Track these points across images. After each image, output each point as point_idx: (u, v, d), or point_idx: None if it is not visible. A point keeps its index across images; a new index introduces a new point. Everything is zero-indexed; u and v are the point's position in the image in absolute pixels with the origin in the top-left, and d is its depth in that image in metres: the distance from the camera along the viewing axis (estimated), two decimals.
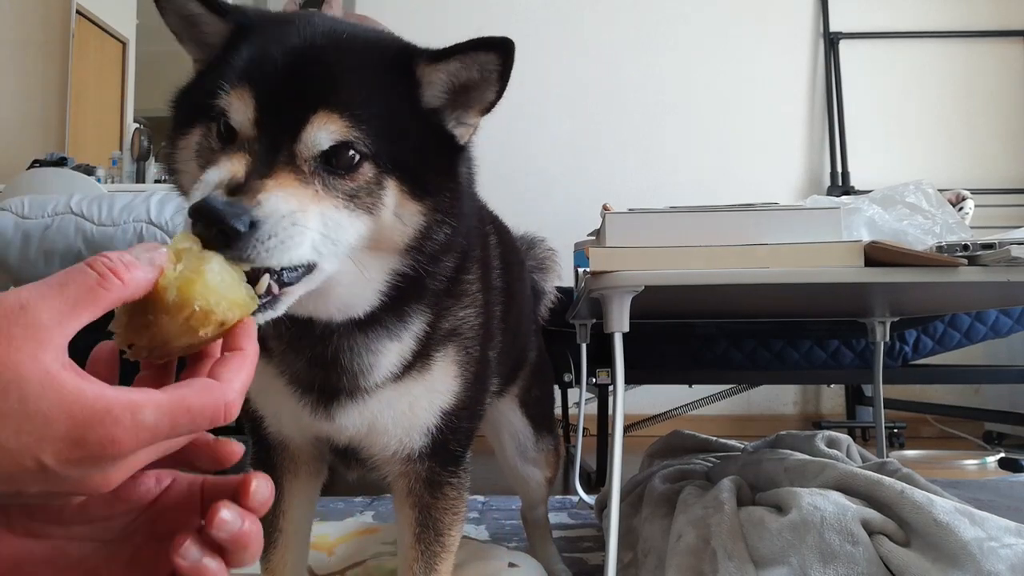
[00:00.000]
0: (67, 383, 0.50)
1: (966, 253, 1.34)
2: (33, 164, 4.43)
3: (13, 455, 0.49)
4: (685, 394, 4.23)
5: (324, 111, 0.80)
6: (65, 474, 0.51)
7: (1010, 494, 2.66)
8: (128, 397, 0.52)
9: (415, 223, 0.87)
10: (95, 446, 0.50)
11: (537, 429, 1.61)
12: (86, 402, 0.50)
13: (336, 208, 0.80)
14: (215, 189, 0.73)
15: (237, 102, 0.80)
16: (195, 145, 0.86)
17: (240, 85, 0.81)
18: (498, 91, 0.92)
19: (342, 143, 0.80)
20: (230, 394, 0.57)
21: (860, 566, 1.25)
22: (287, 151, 0.78)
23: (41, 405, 0.49)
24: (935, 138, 4.78)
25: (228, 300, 0.61)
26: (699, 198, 2.46)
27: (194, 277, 0.60)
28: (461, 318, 1.07)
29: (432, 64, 0.90)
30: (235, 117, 0.80)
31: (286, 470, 1.16)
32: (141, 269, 0.57)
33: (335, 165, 0.80)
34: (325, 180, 0.79)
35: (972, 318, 2.99)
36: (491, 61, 0.89)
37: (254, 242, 0.70)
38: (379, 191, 0.83)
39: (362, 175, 0.82)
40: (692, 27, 4.91)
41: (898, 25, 4.86)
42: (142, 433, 0.52)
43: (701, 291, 1.53)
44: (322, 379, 1.00)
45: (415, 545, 1.10)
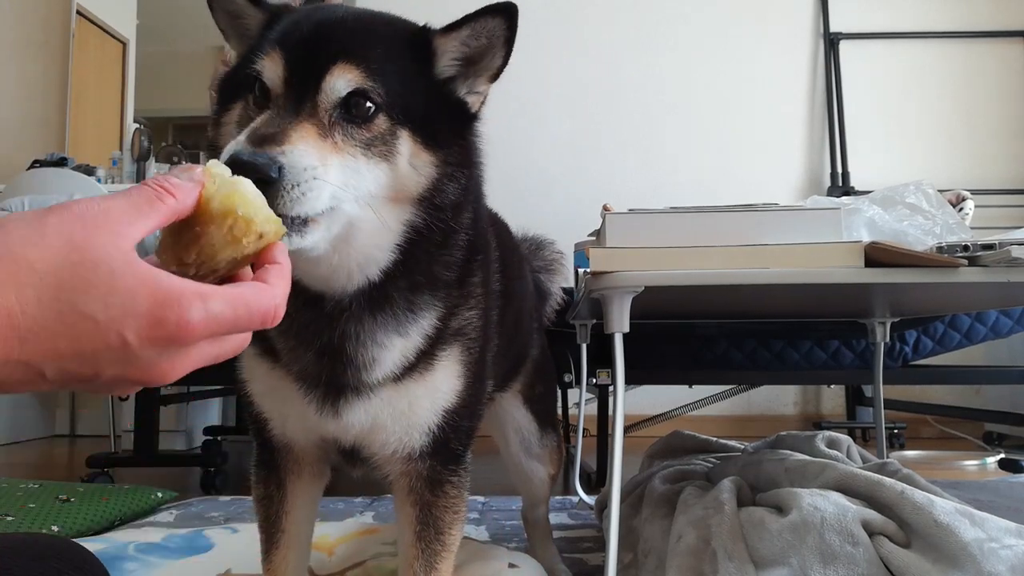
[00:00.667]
0: (146, 266, 0.53)
1: (966, 254, 1.33)
2: (33, 164, 4.43)
3: (100, 328, 0.51)
4: (685, 395, 4.23)
5: (343, 62, 0.88)
6: (142, 353, 0.53)
7: (1010, 495, 2.66)
8: (197, 286, 0.55)
9: (428, 173, 0.94)
10: (172, 326, 0.53)
11: (541, 425, 1.63)
12: (164, 284, 0.53)
13: (354, 157, 0.87)
14: (242, 143, 0.79)
15: (269, 63, 0.89)
16: (236, 118, 0.95)
17: (272, 49, 0.90)
18: (504, 55, 0.99)
19: (358, 90, 0.88)
20: (278, 297, 0.61)
21: (860, 567, 1.25)
22: (311, 102, 0.86)
23: (128, 282, 0.52)
24: (935, 138, 4.78)
25: (264, 213, 0.65)
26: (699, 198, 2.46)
27: (232, 190, 0.64)
28: (467, 319, 1.09)
29: (446, 34, 0.98)
30: (267, 75, 0.89)
31: (290, 471, 1.17)
32: (186, 187, 0.60)
33: (353, 115, 0.88)
34: (344, 130, 0.87)
35: (972, 319, 2.99)
36: (498, 26, 0.97)
37: (281, 190, 0.78)
38: (393, 140, 0.90)
39: (377, 125, 0.89)
40: (692, 27, 4.91)
41: (898, 25, 4.86)
42: (210, 321, 0.55)
43: (701, 291, 1.53)
44: (329, 371, 1.02)
45: (416, 543, 1.10)
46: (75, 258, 0.50)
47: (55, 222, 0.51)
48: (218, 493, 2.88)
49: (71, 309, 0.50)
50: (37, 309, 0.49)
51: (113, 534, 2.01)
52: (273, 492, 1.18)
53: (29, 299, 0.49)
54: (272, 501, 1.18)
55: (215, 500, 2.64)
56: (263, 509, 1.19)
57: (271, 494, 1.18)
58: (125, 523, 2.29)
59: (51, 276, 0.50)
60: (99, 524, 2.20)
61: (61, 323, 0.50)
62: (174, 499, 2.60)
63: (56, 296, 0.50)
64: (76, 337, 0.51)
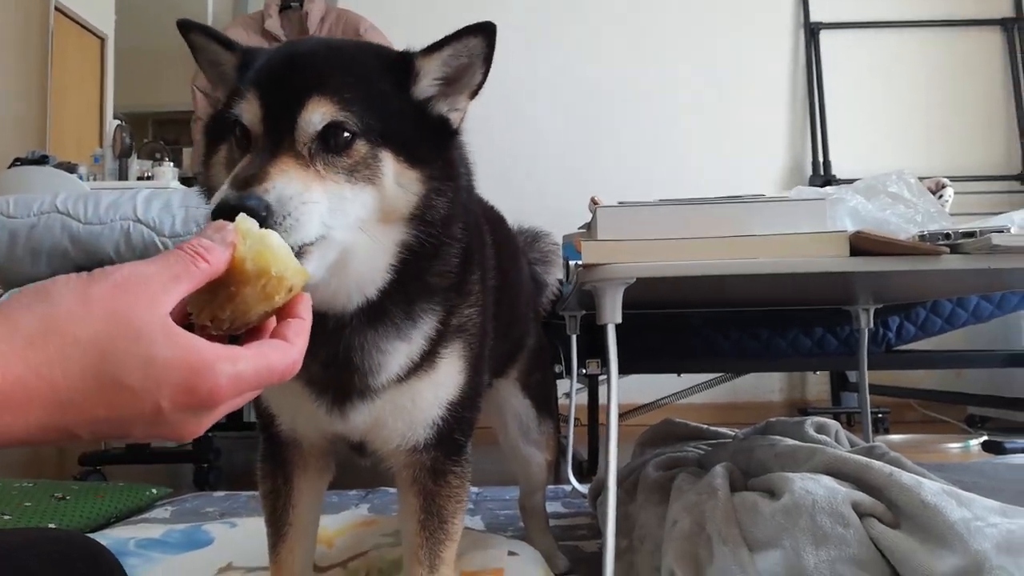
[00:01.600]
0: (182, 335, 0.56)
1: (948, 241, 1.37)
2: (14, 163, 4.40)
3: (137, 397, 0.54)
4: (673, 383, 4.26)
5: (316, 96, 0.89)
6: (173, 417, 0.55)
7: (994, 475, 2.72)
8: (227, 351, 0.58)
9: (416, 190, 0.95)
10: (204, 393, 0.55)
11: (539, 411, 1.66)
12: (198, 353, 0.56)
13: (338, 184, 0.88)
14: (226, 189, 0.81)
15: (245, 105, 0.90)
16: (222, 160, 0.96)
17: (247, 91, 0.91)
18: (484, 72, 1.01)
19: (333, 123, 0.89)
20: (296, 355, 0.63)
21: (851, 548, 1.28)
22: (288, 139, 0.87)
23: (165, 352, 0.54)
24: (915, 126, 4.84)
25: (292, 268, 0.67)
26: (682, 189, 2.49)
27: (264, 249, 0.66)
28: (467, 316, 1.11)
29: (427, 55, 0.99)
30: (245, 118, 0.90)
31: (296, 465, 1.19)
32: (218, 249, 0.63)
33: (331, 146, 0.88)
34: (325, 160, 0.88)
35: (954, 304, 3.04)
36: (478, 44, 0.99)
37: (273, 225, 0.78)
38: (376, 163, 0.91)
39: (356, 151, 0.90)
40: (673, 18, 4.94)
41: (878, 15, 4.91)
42: (238, 383, 0.57)
43: (691, 282, 1.55)
44: (335, 379, 1.04)
45: (420, 532, 1.12)
46: (117, 331, 0.53)
47: (99, 293, 0.54)
48: (212, 489, 2.89)
49: (111, 380, 0.53)
50: (81, 381, 0.52)
51: (111, 531, 2.02)
52: (280, 486, 1.20)
53: (74, 372, 0.52)
54: (279, 495, 1.20)
55: (209, 496, 2.65)
56: (270, 503, 1.21)
57: (278, 488, 1.20)
58: (121, 520, 2.29)
59: (94, 349, 0.53)
60: (96, 521, 2.21)
61: (101, 393, 0.53)
62: (168, 495, 2.60)
63: (99, 368, 0.53)
64: (114, 405, 0.53)
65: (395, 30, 4.48)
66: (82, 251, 2.59)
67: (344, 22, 4.44)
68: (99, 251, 2.58)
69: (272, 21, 4.49)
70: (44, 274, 2.62)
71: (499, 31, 0.99)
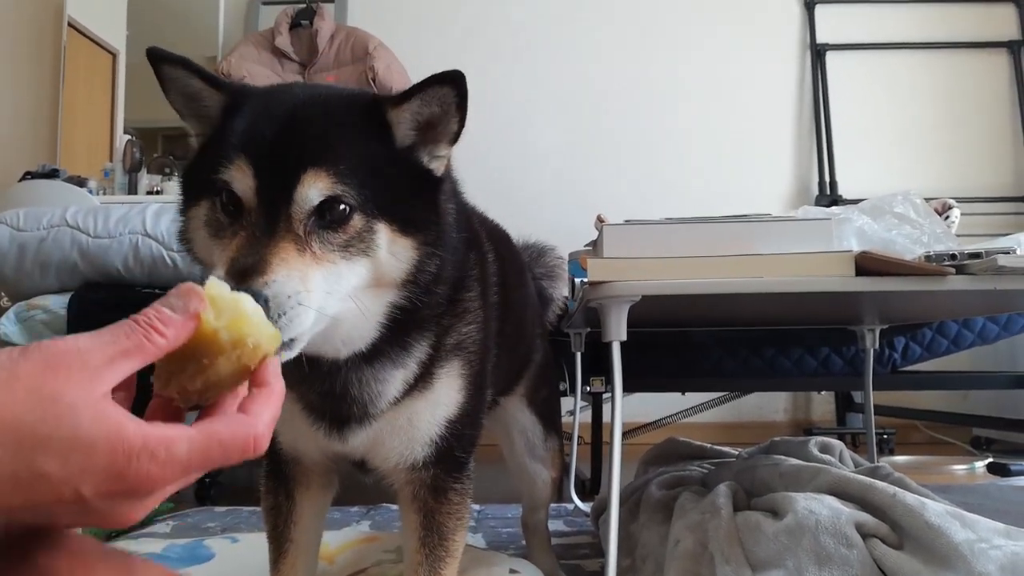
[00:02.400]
0: (113, 417, 0.52)
1: (954, 262, 1.37)
2: (25, 176, 4.43)
3: (55, 485, 0.50)
4: (677, 402, 4.25)
5: (312, 170, 0.87)
6: (98, 506, 0.52)
7: (999, 497, 2.70)
8: (163, 432, 0.54)
9: (408, 258, 0.94)
10: (133, 480, 0.52)
11: (545, 427, 1.66)
12: (127, 437, 0.52)
13: (334, 263, 0.87)
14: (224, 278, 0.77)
15: (237, 173, 0.88)
16: (204, 216, 0.93)
17: (238, 158, 0.88)
18: (459, 120, 0.98)
19: (331, 198, 0.87)
20: (259, 427, 0.59)
21: (854, 568, 1.27)
22: (284, 216, 0.85)
23: (89, 435, 0.51)
24: (921, 148, 4.84)
25: (267, 335, 0.65)
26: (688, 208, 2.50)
27: (238, 316, 0.63)
28: (464, 334, 1.11)
29: (397, 106, 0.96)
30: (237, 187, 0.87)
31: (298, 482, 1.20)
32: (179, 321, 0.59)
33: (328, 220, 0.87)
34: (321, 237, 0.86)
35: (960, 325, 3.03)
36: (447, 94, 0.95)
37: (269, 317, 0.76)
38: (371, 236, 0.90)
39: (353, 226, 0.89)
40: (680, 39, 4.96)
41: (884, 36, 4.93)
42: (176, 467, 0.54)
43: (696, 300, 1.56)
44: (333, 408, 1.06)
45: (420, 549, 1.12)
46: (39, 413, 0.50)
47: (27, 371, 0.51)
48: (213, 504, 2.88)
49: (27, 467, 0.49)
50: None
51: (113, 544, 2.01)
52: (282, 502, 1.20)
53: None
54: (281, 511, 1.20)
55: (211, 511, 2.65)
56: (272, 519, 1.21)
57: (280, 504, 1.21)
58: (122, 534, 2.29)
59: (12, 433, 0.49)
60: (97, 536, 2.21)
61: (15, 482, 0.50)
62: (170, 510, 2.60)
63: (15, 453, 0.49)
64: (30, 493, 0.50)
65: (403, 49, 4.53)
66: (91, 265, 2.61)
67: (354, 40, 4.48)
68: (108, 265, 2.60)
69: (282, 39, 4.53)
70: (53, 287, 2.64)
71: (503, 46, 0.98)
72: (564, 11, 4.95)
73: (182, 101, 1.00)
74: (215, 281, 0.66)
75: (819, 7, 4.97)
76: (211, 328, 0.61)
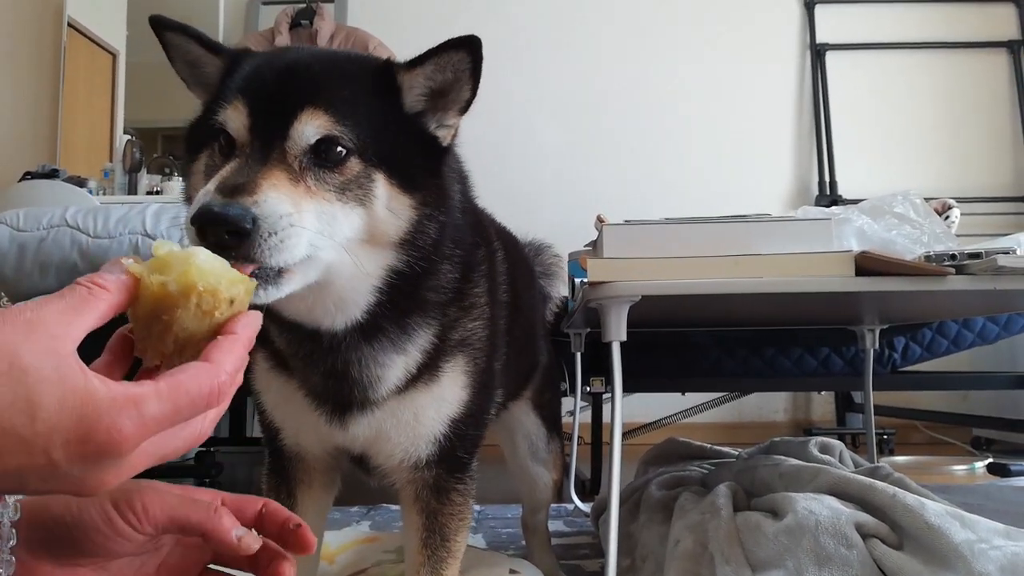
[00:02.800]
0: (78, 376, 0.51)
1: (954, 262, 1.37)
2: (25, 176, 4.43)
3: (27, 446, 0.49)
4: (677, 402, 4.25)
5: (310, 108, 0.86)
6: (69, 471, 0.51)
7: (999, 498, 2.70)
8: (129, 390, 0.52)
9: (407, 216, 0.92)
10: (103, 440, 0.50)
11: (548, 430, 1.65)
12: (93, 395, 0.51)
13: (329, 202, 0.85)
14: (211, 194, 0.77)
15: (232, 112, 0.87)
16: (203, 167, 0.92)
17: (235, 98, 0.88)
18: (472, 88, 0.98)
19: (328, 137, 0.86)
20: (222, 375, 0.57)
21: (854, 569, 1.27)
22: (279, 150, 0.84)
23: (55, 395, 0.49)
24: (921, 147, 4.84)
25: (227, 278, 0.63)
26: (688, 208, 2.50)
27: (187, 266, 0.61)
28: (470, 330, 1.10)
29: (410, 70, 0.96)
30: (231, 126, 0.87)
31: (300, 481, 1.19)
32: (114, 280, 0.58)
33: (323, 161, 0.86)
34: (316, 175, 0.85)
35: (960, 325, 3.03)
36: (462, 60, 0.95)
37: (258, 240, 0.75)
38: (368, 184, 0.88)
39: (350, 168, 0.87)
40: (680, 39, 4.96)
41: (884, 36, 4.93)
42: (147, 424, 0.52)
43: (696, 300, 1.56)
44: (335, 391, 1.05)
45: (422, 550, 1.12)
46: (2, 367, 0.49)
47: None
48: None
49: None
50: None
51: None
52: (283, 501, 1.19)
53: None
54: None
55: None
56: None
57: (281, 503, 1.20)
58: None
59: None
60: None
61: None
62: None
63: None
64: (3, 455, 0.49)
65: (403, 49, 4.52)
66: (91, 265, 2.61)
67: (353, 40, 4.48)
68: None
69: (282, 38, 4.53)
70: (53, 287, 2.64)
71: (503, 47, 0.98)
72: (565, 10, 4.95)
73: (185, 69, 1.00)
74: (162, 242, 0.65)
75: (819, 7, 4.97)
76: (159, 282, 0.60)
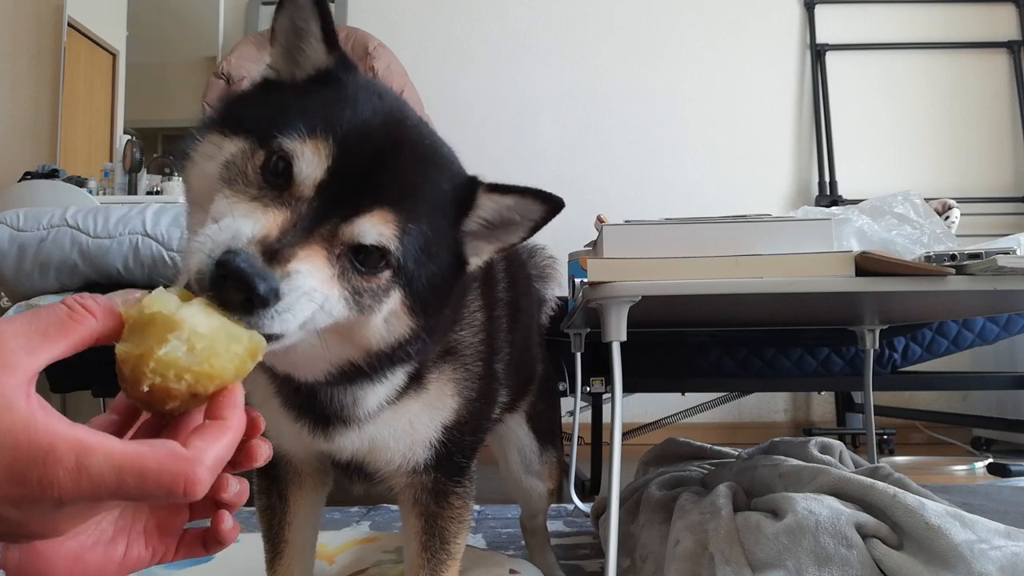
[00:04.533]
0: (21, 410, 0.46)
1: (954, 263, 1.37)
2: (24, 176, 4.43)
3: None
4: (677, 403, 4.25)
5: (385, 209, 0.78)
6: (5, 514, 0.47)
7: (999, 498, 2.70)
8: (77, 436, 0.47)
9: (399, 333, 0.86)
10: (34, 485, 0.46)
11: (542, 443, 1.61)
12: (34, 434, 0.46)
13: (339, 297, 0.77)
14: (250, 245, 0.69)
15: (311, 153, 0.77)
16: (229, 155, 0.80)
17: (322, 139, 0.78)
18: (523, 239, 0.95)
19: (382, 248, 0.78)
20: (197, 468, 0.51)
21: (854, 569, 1.27)
22: (331, 227, 0.76)
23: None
24: (921, 148, 4.84)
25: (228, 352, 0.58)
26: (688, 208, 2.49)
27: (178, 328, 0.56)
28: (455, 340, 1.06)
29: (490, 193, 0.92)
30: (299, 166, 0.77)
31: (290, 482, 1.18)
32: (107, 306, 0.53)
33: (361, 261, 0.78)
34: (345, 268, 0.77)
35: (960, 325, 3.03)
36: (537, 211, 0.93)
37: (272, 312, 0.68)
38: (383, 296, 0.81)
39: (378, 280, 0.80)
40: (681, 39, 4.97)
41: (884, 36, 4.93)
42: (83, 481, 0.47)
43: (696, 300, 1.56)
44: (310, 407, 1.00)
45: (422, 553, 1.11)
46: None
47: None
48: None
49: None
50: None
51: None
52: (275, 503, 1.18)
53: None
54: (275, 512, 1.19)
55: None
56: (266, 520, 1.19)
57: (273, 505, 1.19)
58: None
59: None
60: None
61: None
62: None
63: None
64: None
65: (403, 49, 4.52)
66: (91, 265, 2.61)
67: (353, 40, 4.48)
68: (108, 265, 2.59)
69: None
70: (53, 287, 2.64)
71: (504, 47, 0.95)
72: (565, 11, 4.95)
73: (286, 29, 0.90)
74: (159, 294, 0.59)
75: (819, 7, 4.97)
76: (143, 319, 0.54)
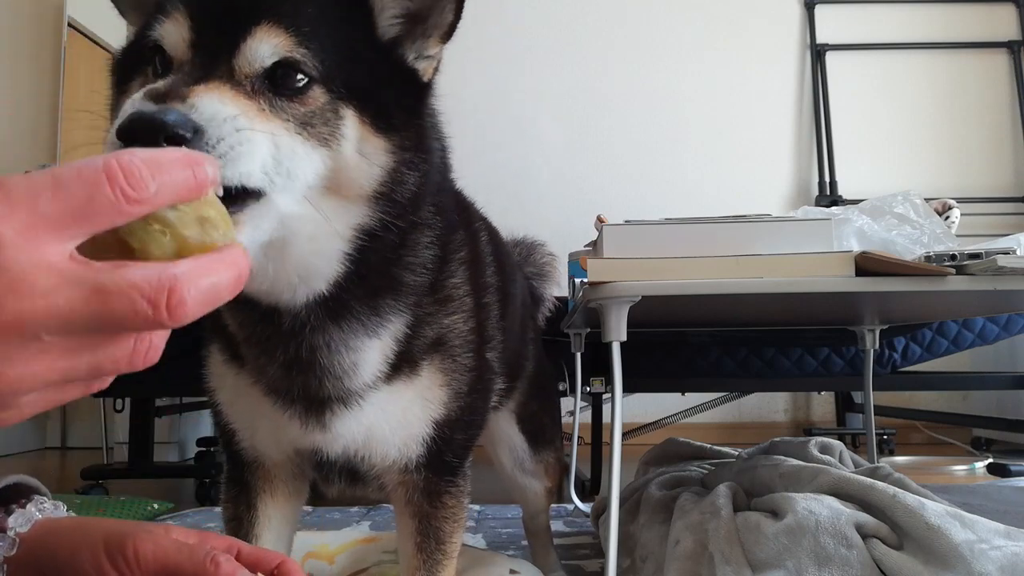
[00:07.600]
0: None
1: (954, 263, 1.37)
2: None
3: None
4: (677, 403, 4.26)
5: (266, 24, 0.72)
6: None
7: (999, 498, 2.70)
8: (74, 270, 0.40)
9: (383, 162, 0.78)
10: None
11: (534, 443, 1.55)
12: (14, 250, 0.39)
13: (287, 132, 0.70)
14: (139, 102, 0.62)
15: (170, 25, 0.72)
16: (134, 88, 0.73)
17: (174, 9, 0.72)
18: (456, 9, 0.86)
19: (287, 60, 0.72)
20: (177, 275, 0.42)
21: (854, 569, 1.27)
22: (225, 67, 0.69)
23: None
24: (921, 148, 4.84)
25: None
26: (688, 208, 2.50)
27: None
28: (446, 326, 1.00)
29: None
30: (168, 41, 0.71)
31: (261, 490, 1.08)
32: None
33: (281, 89, 0.71)
34: (271, 100, 0.71)
35: (960, 325, 3.03)
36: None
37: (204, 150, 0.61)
38: (336, 120, 0.74)
39: (313, 99, 0.73)
40: (681, 39, 4.97)
41: (884, 36, 4.93)
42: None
43: (696, 300, 1.56)
44: (303, 386, 0.91)
45: (417, 554, 1.07)
46: None
47: None
48: (213, 504, 2.88)
49: None
50: None
51: None
52: (242, 513, 1.08)
53: None
54: (241, 524, 1.07)
55: (211, 511, 2.65)
56: (231, 532, 1.07)
57: (240, 515, 1.08)
58: None
59: None
60: None
61: None
62: (170, 511, 2.60)
63: None
64: None
65: None
66: None
67: None
68: None
69: None
70: None
71: (505, 48, 0.92)
72: (565, 11, 4.95)
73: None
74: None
75: (819, 7, 4.97)
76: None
